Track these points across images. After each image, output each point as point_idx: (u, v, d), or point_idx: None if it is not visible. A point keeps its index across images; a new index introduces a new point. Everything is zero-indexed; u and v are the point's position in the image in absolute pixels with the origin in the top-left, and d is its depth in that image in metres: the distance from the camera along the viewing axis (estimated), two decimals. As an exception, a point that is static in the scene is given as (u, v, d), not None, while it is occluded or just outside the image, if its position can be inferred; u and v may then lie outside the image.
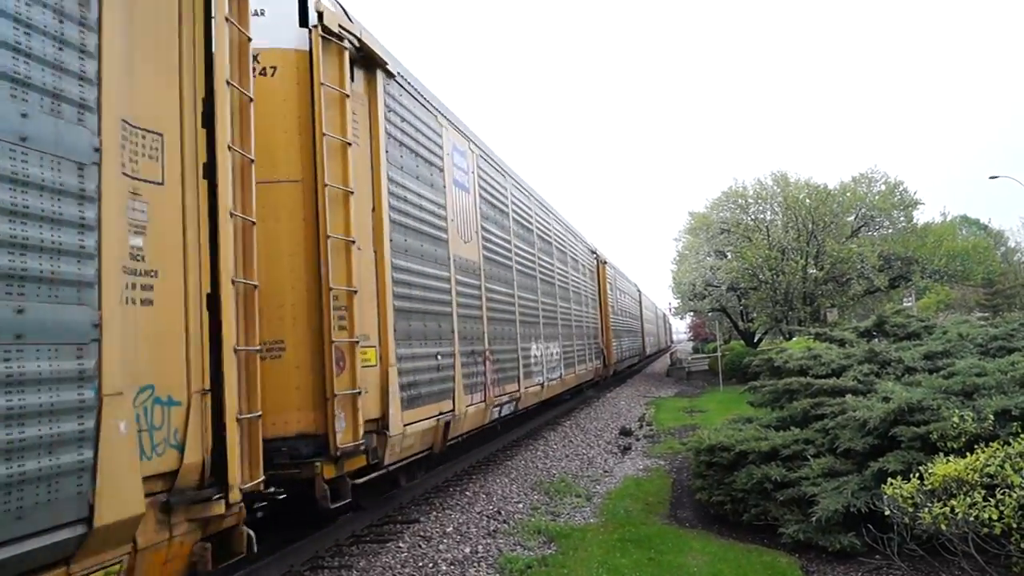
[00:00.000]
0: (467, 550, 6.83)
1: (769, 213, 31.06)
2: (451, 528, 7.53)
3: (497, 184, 11.54)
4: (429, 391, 7.64)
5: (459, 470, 10.55)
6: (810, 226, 28.64)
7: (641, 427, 15.70)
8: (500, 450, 12.57)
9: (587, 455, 12.28)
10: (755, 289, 29.79)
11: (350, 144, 6.24)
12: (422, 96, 8.33)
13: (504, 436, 13.25)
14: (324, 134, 5.99)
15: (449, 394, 8.22)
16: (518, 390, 11.25)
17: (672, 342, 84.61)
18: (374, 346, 6.56)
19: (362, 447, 5.96)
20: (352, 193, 6.18)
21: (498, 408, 10.22)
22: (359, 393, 5.93)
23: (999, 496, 4.62)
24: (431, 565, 6.41)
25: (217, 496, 3.98)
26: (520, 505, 8.65)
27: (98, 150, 3.36)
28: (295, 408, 5.76)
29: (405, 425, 6.90)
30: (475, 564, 6.46)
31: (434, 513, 8.17)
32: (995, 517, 4.54)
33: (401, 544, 6.96)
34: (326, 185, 5.95)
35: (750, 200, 31.25)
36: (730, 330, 40.77)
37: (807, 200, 29.03)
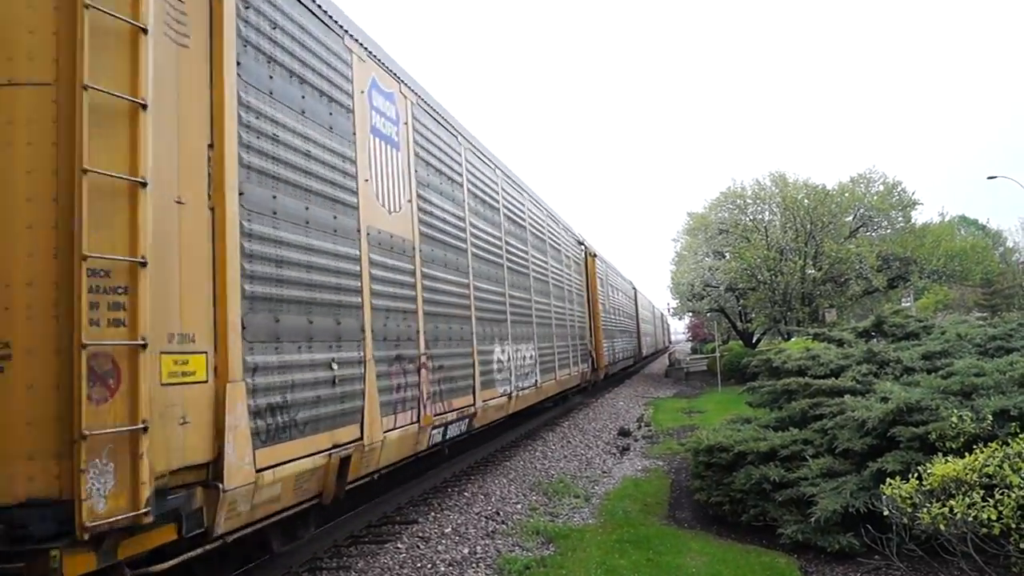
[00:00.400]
0: (466, 551, 6.82)
1: (767, 214, 31.05)
2: (449, 529, 7.52)
3: (445, 145, 9.19)
4: (315, 415, 5.42)
5: (457, 471, 10.54)
6: (808, 226, 28.64)
7: (639, 428, 15.70)
8: (498, 451, 12.56)
9: (585, 456, 12.27)
10: (753, 289, 29.79)
11: (145, 31, 4.01)
12: (313, 2, 6.11)
13: (503, 437, 13.23)
14: (88, 5, 3.84)
15: (354, 416, 6.00)
16: (472, 404, 9.07)
17: (670, 343, 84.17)
18: (204, 352, 4.36)
19: (149, 518, 3.72)
20: (144, 107, 3.95)
21: (441, 429, 8.08)
22: (144, 429, 3.70)
23: (998, 496, 4.62)
24: (430, 566, 6.40)
25: None
26: (519, 506, 8.65)
27: None
28: (25, 456, 3.61)
29: (262, 470, 4.72)
30: (474, 565, 6.45)
31: (432, 514, 8.16)
32: (994, 517, 4.54)
33: (400, 545, 6.95)
34: (87, 87, 3.77)
35: (748, 201, 31.24)
36: (729, 330, 40.75)
37: (805, 200, 29.02)
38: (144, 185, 3.91)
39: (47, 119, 3.85)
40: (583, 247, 20.70)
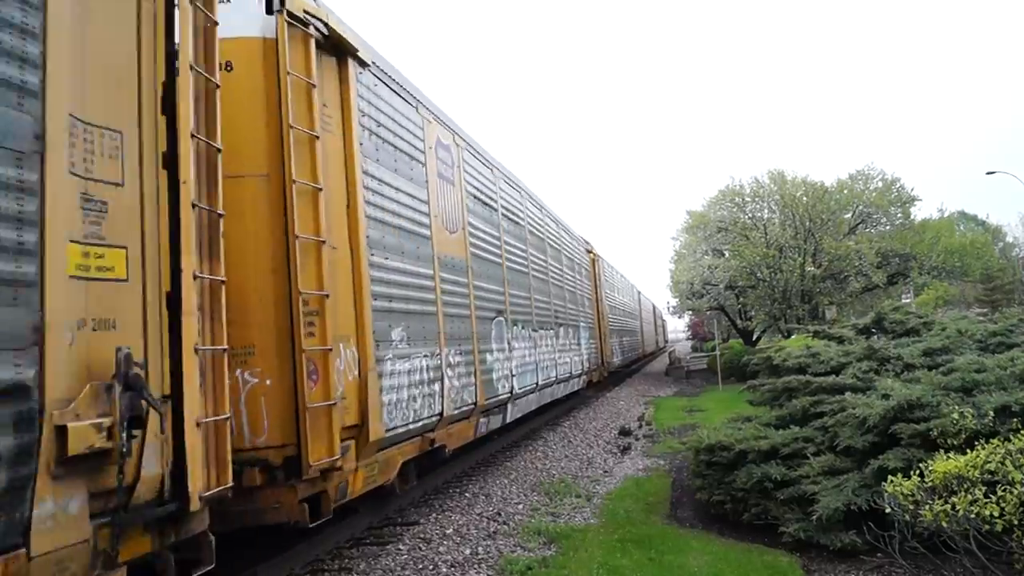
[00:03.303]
0: (467, 552, 6.81)
1: (766, 211, 31.07)
2: (451, 530, 7.51)
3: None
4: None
5: (458, 471, 10.53)
6: (807, 224, 28.64)
7: (640, 427, 15.69)
8: (499, 451, 12.55)
9: (587, 455, 12.26)
10: (753, 287, 29.80)
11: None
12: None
13: (502, 438, 13.21)
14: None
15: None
16: None
17: (667, 341, 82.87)
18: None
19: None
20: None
21: None
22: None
23: (1000, 493, 4.61)
24: (431, 567, 6.39)
25: None
26: (520, 506, 8.64)
27: None
28: None
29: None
30: (475, 566, 6.44)
31: (434, 515, 8.15)
32: (996, 514, 4.52)
33: (401, 547, 6.94)
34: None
35: (747, 198, 31.26)
36: (729, 329, 40.74)
37: (804, 198, 29.04)
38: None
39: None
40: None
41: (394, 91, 7.69)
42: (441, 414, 7.86)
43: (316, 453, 5.35)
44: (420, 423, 7.36)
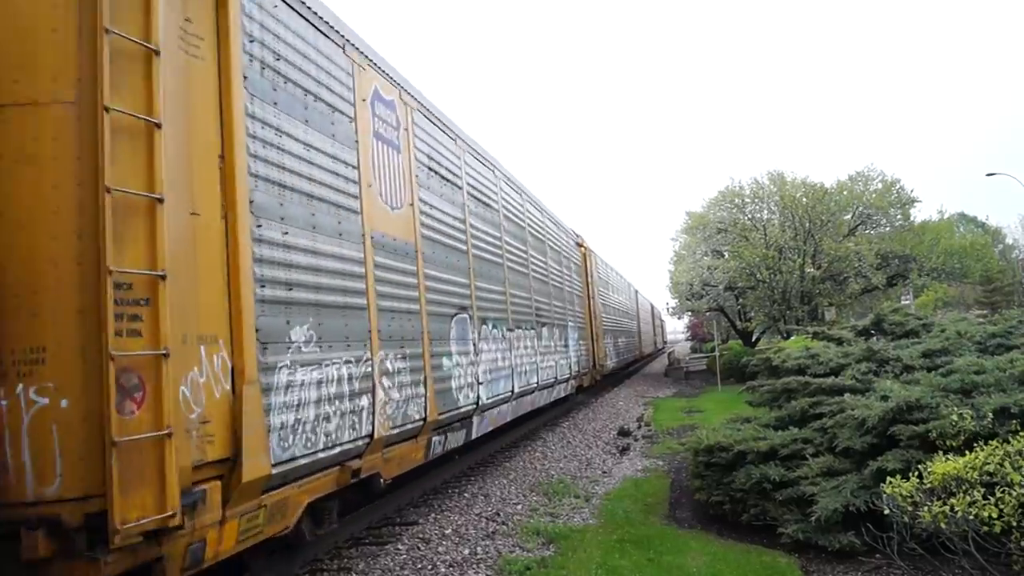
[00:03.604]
0: (466, 552, 6.82)
1: (766, 212, 31.08)
2: (450, 530, 7.51)
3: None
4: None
5: (457, 471, 10.53)
6: (807, 225, 28.65)
7: (639, 427, 15.69)
8: (498, 451, 12.55)
9: (585, 456, 12.26)
10: (752, 288, 29.80)
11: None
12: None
13: (502, 438, 13.22)
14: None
15: None
16: None
17: (666, 342, 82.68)
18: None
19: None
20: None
21: None
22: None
23: (999, 494, 4.61)
24: (430, 567, 6.40)
25: None
26: (519, 506, 8.64)
27: None
28: None
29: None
30: (474, 566, 6.44)
31: (432, 515, 8.15)
32: (995, 516, 4.53)
33: (400, 547, 6.95)
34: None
35: (747, 199, 31.27)
36: (728, 330, 40.72)
37: (804, 199, 29.04)
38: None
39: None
40: None
41: (305, 19, 5.90)
42: (371, 435, 6.14)
43: (132, 508, 3.59)
44: (337, 449, 5.62)
